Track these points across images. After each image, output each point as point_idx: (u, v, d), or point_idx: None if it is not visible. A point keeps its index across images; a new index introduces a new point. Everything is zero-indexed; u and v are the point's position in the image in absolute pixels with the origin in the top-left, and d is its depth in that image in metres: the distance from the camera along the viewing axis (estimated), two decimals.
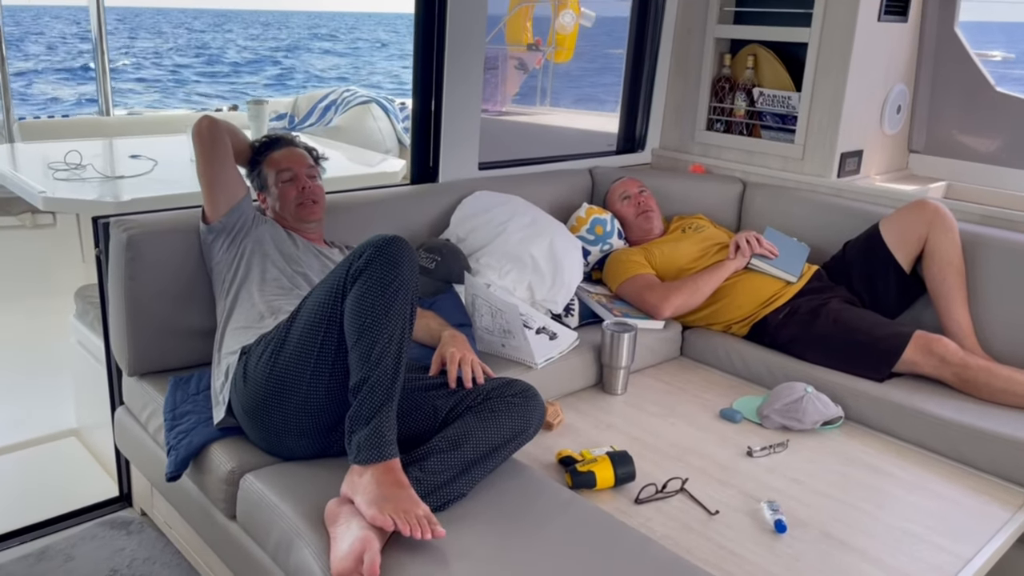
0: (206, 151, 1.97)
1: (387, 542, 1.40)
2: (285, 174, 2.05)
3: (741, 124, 3.12)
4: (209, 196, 1.96)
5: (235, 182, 1.99)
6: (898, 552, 1.63)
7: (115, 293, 1.97)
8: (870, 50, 2.80)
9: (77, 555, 2.06)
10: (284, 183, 2.05)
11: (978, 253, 2.39)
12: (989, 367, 2.15)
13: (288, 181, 2.05)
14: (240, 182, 2.01)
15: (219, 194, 1.95)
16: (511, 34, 4.83)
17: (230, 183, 1.98)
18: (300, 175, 2.06)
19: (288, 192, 2.04)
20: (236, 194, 1.98)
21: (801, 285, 2.49)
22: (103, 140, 3.62)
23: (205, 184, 1.97)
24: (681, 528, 1.67)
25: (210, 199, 1.96)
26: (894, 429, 2.12)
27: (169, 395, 1.89)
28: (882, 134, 3.01)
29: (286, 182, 2.05)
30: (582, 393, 2.29)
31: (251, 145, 2.13)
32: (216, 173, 1.96)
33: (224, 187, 1.96)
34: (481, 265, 2.40)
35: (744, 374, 2.44)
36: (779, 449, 2.00)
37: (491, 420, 1.61)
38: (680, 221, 2.84)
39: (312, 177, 2.09)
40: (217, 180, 1.96)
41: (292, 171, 2.06)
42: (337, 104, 4.48)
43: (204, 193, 1.97)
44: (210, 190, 1.96)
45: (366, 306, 1.48)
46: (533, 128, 4.83)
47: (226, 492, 1.66)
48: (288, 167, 2.06)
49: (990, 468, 1.97)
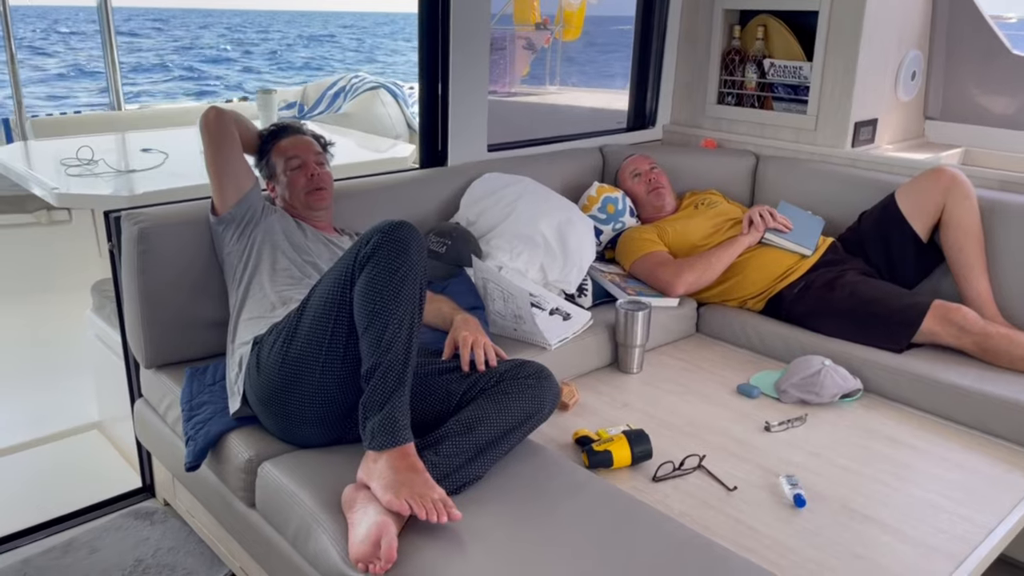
0: (213, 142, 1.98)
1: (404, 526, 1.41)
2: (293, 161, 2.05)
3: (752, 97, 3.08)
4: (217, 187, 1.96)
5: (243, 172, 1.99)
6: (920, 523, 1.61)
7: (129, 286, 1.98)
8: (882, 16, 2.75)
9: (102, 546, 2.09)
10: (293, 171, 2.04)
11: (996, 219, 2.35)
12: (1010, 335, 2.12)
13: (296, 168, 2.05)
14: (248, 172, 2.01)
15: (227, 185, 1.96)
16: (519, 13, 4.78)
17: (238, 174, 1.98)
18: (308, 162, 2.06)
19: (297, 179, 2.04)
20: (244, 185, 1.98)
21: (816, 258, 2.46)
22: (115, 135, 3.64)
23: (213, 175, 1.97)
24: (699, 505, 1.66)
25: (219, 190, 1.96)
26: (914, 400, 2.10)
27: (186, 386, 1.91)
28: (897, 101, 2.96)
29: (294, 169, 2.05)
30: (597, 372, 2.28)
31: (259, 134, 2.13)
32: (224, 164, 1.97)
33: (232, 178, 1.96)
34: (492, 247, 2.39)
35: (761, 349, 2.43)
36: (797, 423, 1.99)
37: (505, 402, 1.61)
38: (693, 197, 2.82)
39: (320, 164, 2.08)
40: (225, 171, 1.96)
41: (300, 158, 2.05)
42: (346, 91, 4.48)
43: (212, 184, 1.97)
44: (218, 181, 1.96)
45: (375, 292, 1.48)
46: (542, 108, 4.80)
47: (245, 481, 1.68)
48: (296, 154, 2.06)
49: (1012, 436, 1.95)
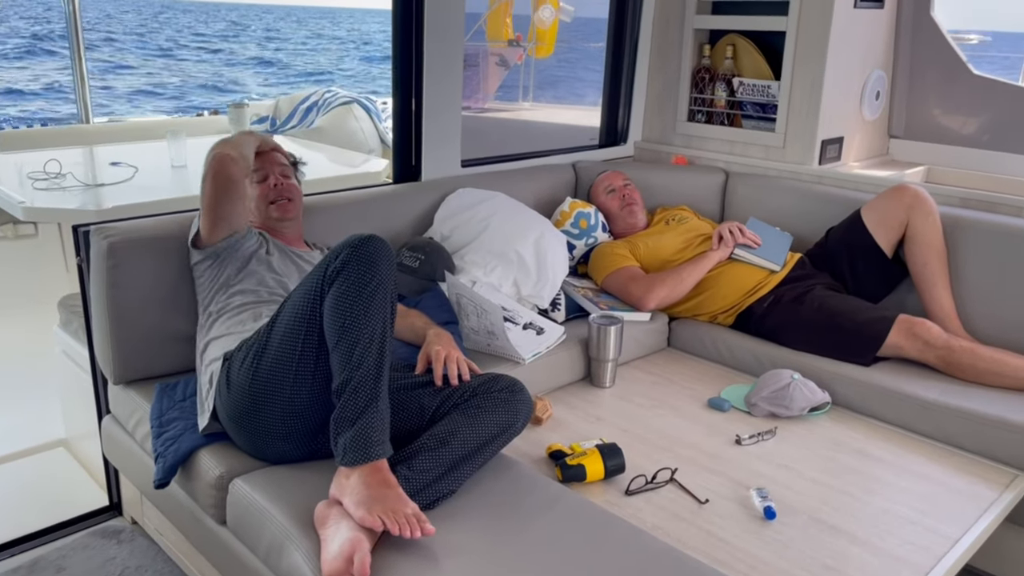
0: (220, 190, 1.86)
1: (377, 542, 1.40)
2: (256, 175, 2.04)
3: (722, 114, 3.13)
4: (209, 225, 1.88)
5: (241, 218, 1.92)
6: (888, 535, 1.64)
7: (98, 301, 1.96)
8: (848, 37, 2.82)
9: (68, 565, 2.05)
10: (258, 183, 2.04)
11: (959, 236, 2.41)
12: (973, 348, 2.17)
13: (261, 181, 2.04)
14: (245, 217, 1.94)
15: (222, 227, 1.88)
16: (491, 30, 4.82)
17: (236, 218, 1.91)
18: (272, 172, 2.05)
19: (262, 192, 2.03)
20: (239, 227, 1.91)
21: (785, 273, 2.50)
22: (83, 148, 3.60)
23: (210, 216, 1.87)
24: (671, 518, 1.67)
25: (209, 228, 1.88)
26: (881, 413, 2.14)
27: (155, 402, 1.89)
28: (862, 120, 3.02)
29: (259, 182, 2.04)
30: (570, 387, 2.30)
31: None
32: (226, 212, 1.88)
33: (228, 221, 1.89)
34: (466, 262, 2.40)
35: (731, 363, 2.45)
36: (767, 436, 2.01)
37: (478, 416, 1.61)
38: (664, 213, 2.85)
39: (286, 176, 2.07)
40: (224, 217, 1.88)
41: (264, 170, 2.05)
42: (319, 105, 4.47)
43: (204, 219, 1.89)
44: (213, 222, 1.88)
45: (344, 307, 1.48)
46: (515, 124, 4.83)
47: (215, 498, 1.66)
48: (259, 167, 2.05)
49: (976, 449, 1.98)
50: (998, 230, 2.35)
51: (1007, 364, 2.12)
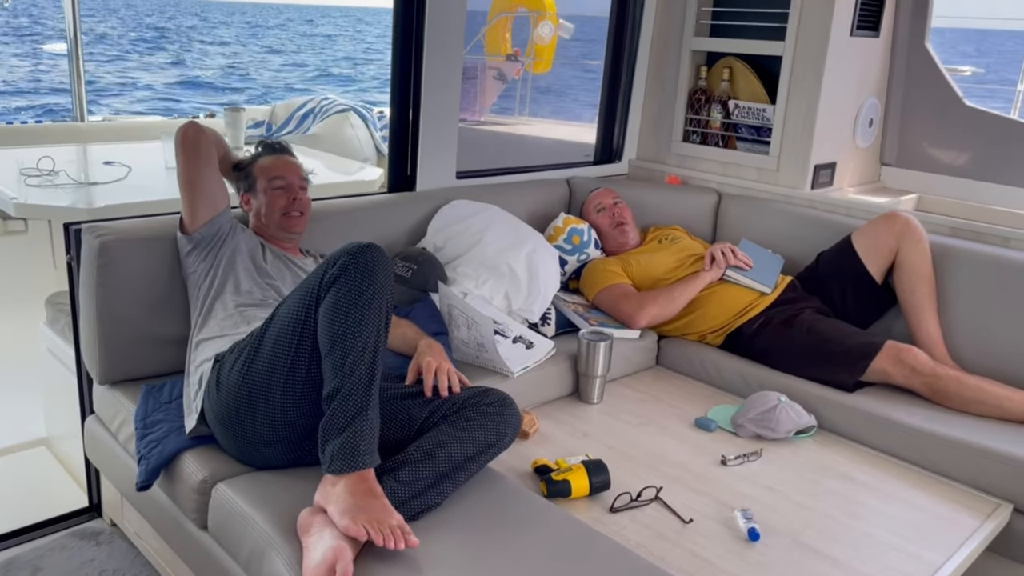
0: (190, 159, 1.92)
1: (360, 551, 1.39)
2: (278, 181, 2.03)
3: (717, 136, 3.15)
4: (190, 206, 1.92)
5: (219, 192, 1.95)
6: (869, 560, 1.64)
7: (86, 300, 1.95)
8: (843, 64, 2.85)
9: (45, 566, 2.03)
10: (275, 190, 2.03)
11: (948, 264, 2.42)
12: (959, 377, 2.18)
13: (279, 188, 2.03)
14: (223, 193, 1.98)
15: (200, 204, 1.91)
16: (490, 44, 4.85)
17: (213, 193, 1.94)
18: (293, 184, 2.04)
19: (277, 200, 2.02)
20: (219, 205, 1.94)
21: (775, 296, 2.51)
22: (76, 146, 3.59)
23: (187, 193, 1.92)
24: (655, 536, 1.67)
25: (190, 209, 1.92)
26: (866, 438, 2.15)
27: (141, 404, 1.87)
28: (855, 147, 3.05)
29: (277, 189, 2.03)
30: (558, 402, 2.29)
31: (234, 156, 2.11)
32: (200, 183, 1.92)
33: (206, 198, 1.92)
34: (458, 274, 2.40)
35: (719, 383, 2.46)
36: (753, 458, 2.02)
37: (466, 429, 1.61)
38: (656, 232, 2.86)
39: (304, 189, 2.08)
40: (200, 190, 1.92)
41: (285, 179, 2.04)
42: (315, 112, 4.47)
43: (184, 202, 1.93)
44: (192, 200, 1.91)
45: (340, 314, 1.47)
46: (511, 138, 4.85)
47: (197, 502, 1.65)
48: (281, 175, 2.04)
49: (960, 476, 1.99)
50: (986, 260, 2.37)
51: (991, 393, 2.14)
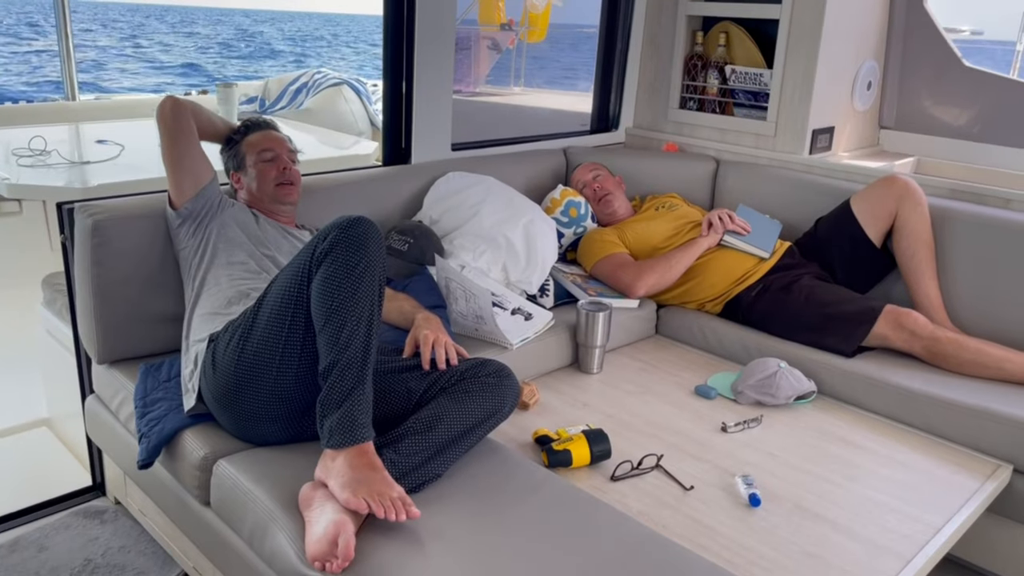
0: (170, 134, 1.94)
1: (362, 524, 1.40)
2: (267, 154, 2.04)
3: (714, 102, 3.12)
4: (174, 180, 1.92)
5: (201, 164, 1.96)
6: (870, 523, 1.65)
7: (82, 280, 1.94)
8: (840, 26, 2.81)
9: (50, 545, 2.04)
10: (265, 162, 2.04)
11: (947, 227, 2.41)
12: (958, 339, 2.18)
13: (269, 161, 2.04)
14: (206, 165, 1.98)
15: (185, 178, 1.92)
16: (483, 14, 4.80)
17: (196, 166, 1.95)
18: (282, 156, 2.06)
19: (268, 171, 2.03)
20: (203, 178, 1.94)
21: (774, 262, 2.50)
22: (68, 125, 3.56)
23: (170, 167, 1.93)
24: (656, 504, 1.68)
25: (176, 183, 1.92)
26: (866, 402, 2.15)
27: (140, 382, 1.87)
28: (853, 110, 3.02)
29: (267, 161, 2.04)
30: (558, 372, 2.29)
31: (221, 122, 2.11)
32: (181, 156, 1.93)
33: (190, 171, 1.93)
34: (455, 246, 2.39)
35: (718, 351, 2.46)
36: (753, 424, 2.02)
37: (465, 400, 1.60)
38: (653, 200, 2.85)
39: (294, 161, 2.10)
40: (182, 164, 1.93)
41: (274, 151, 2.06)
42: (308, 87, 4.43)
43: (169, 177, 1.93)
44: (175, 174, 1.93)
45: (332, 288, 1.47)
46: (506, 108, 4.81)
47: (199, 479, 1.65)
48: (270, 147, 2.06)
49: (959, 439, 2.00)
50: (986, 222, 2.36)
51: (991, 355, 2.13)
